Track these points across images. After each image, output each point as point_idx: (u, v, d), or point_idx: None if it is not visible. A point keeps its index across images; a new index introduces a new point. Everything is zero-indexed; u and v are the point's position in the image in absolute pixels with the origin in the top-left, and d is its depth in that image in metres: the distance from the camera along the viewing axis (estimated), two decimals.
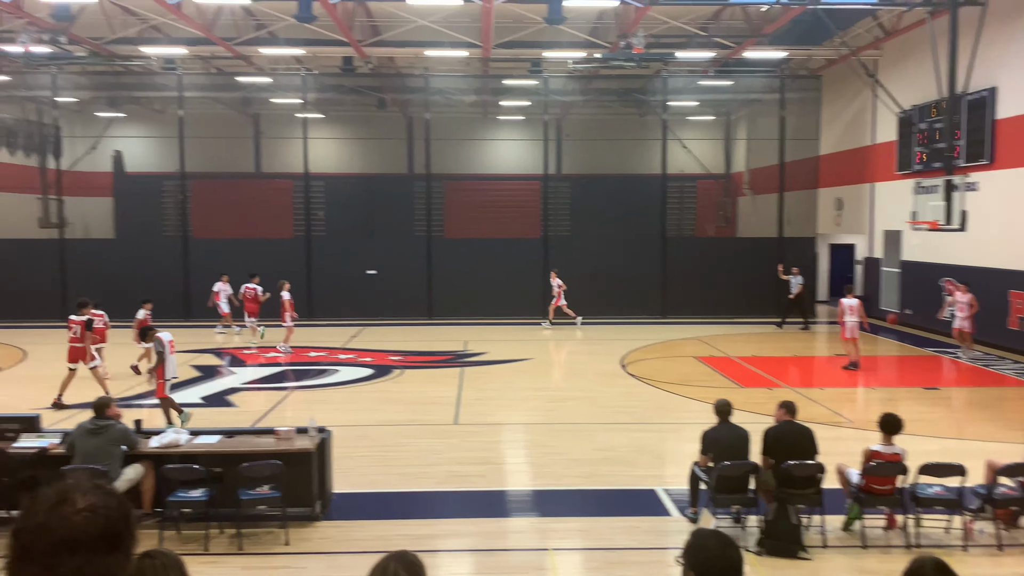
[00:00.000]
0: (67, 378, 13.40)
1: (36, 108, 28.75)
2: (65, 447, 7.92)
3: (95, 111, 31.75)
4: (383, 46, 23.51)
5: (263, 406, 13.20)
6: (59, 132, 25.65)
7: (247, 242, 24.68)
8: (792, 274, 21.97)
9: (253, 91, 27.99)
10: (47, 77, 24.17)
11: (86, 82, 26.24)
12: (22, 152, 30.80)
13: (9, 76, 24.85)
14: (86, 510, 1.75)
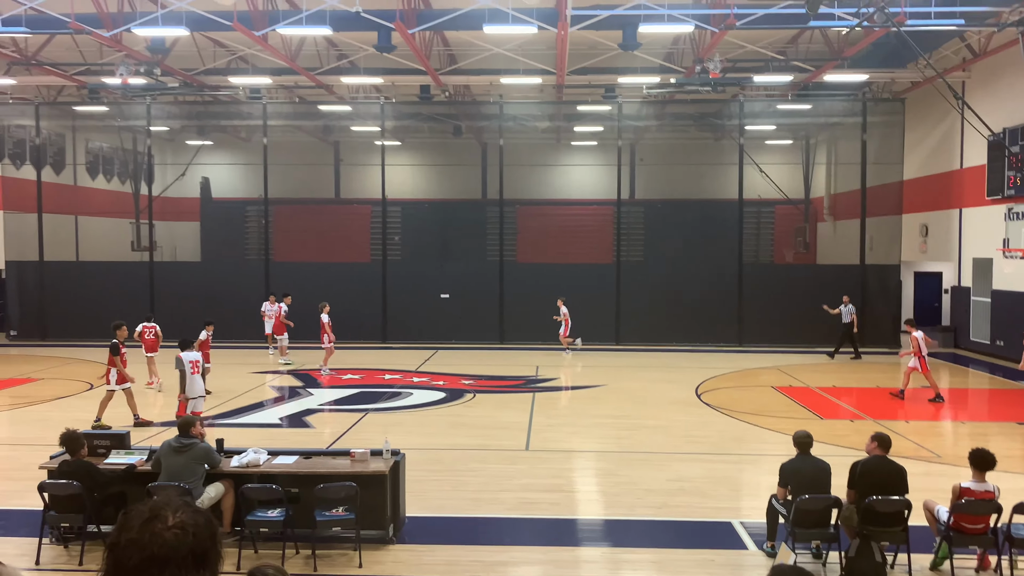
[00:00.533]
0: (128, 398, 13.81)
1: (131, 137, 30.29)
2: (151, 464, 8.20)
3: (185, 139, 33.23)
4: (459, 74, 23.93)
5: (339, 427, 13.43)
6: (151, 160, 26.87)
7: (325, 266, 25.31)
8: (843, 303, 21.39)
9: (334, 119, 28.82)
10: (142, 107, 25.41)
11: (177, 112, 27.50)
12: (118, 179, 32.52)
13: (108, 107, 26.24)
14: (176, 527, 1.81)
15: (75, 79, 24.07)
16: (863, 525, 7.37)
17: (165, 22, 17.84)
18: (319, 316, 19.08)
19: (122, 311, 22.09)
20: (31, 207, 25.29)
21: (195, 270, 27.18)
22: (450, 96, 26.65)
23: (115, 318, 20.91)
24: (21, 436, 12.99)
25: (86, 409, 15.06)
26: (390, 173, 25.73)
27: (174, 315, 21.73)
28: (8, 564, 1.71)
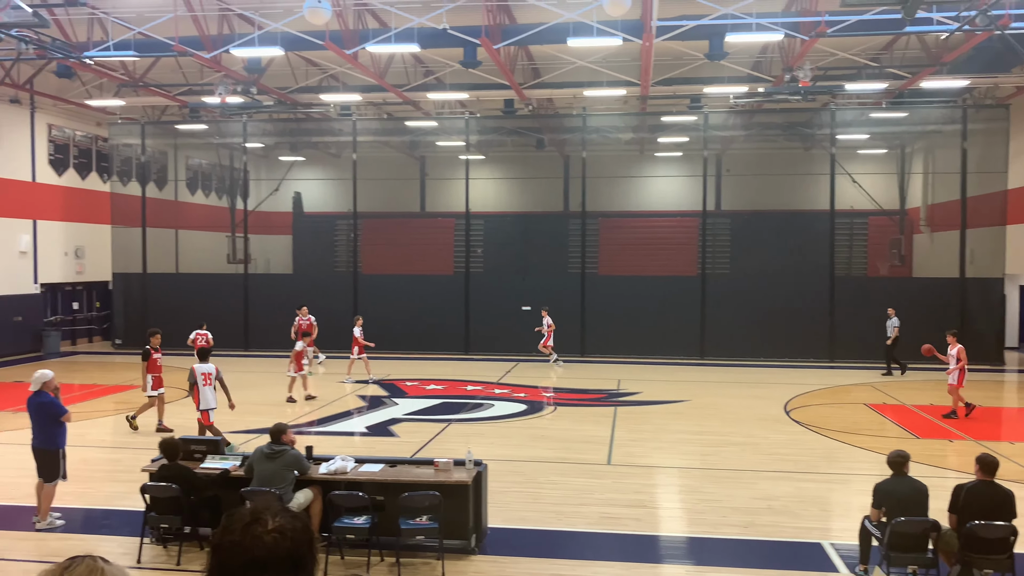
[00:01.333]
0: (158, 404, 14.37)
1: (228, 154, 31.61)
2: (244, 470, 8.50)
3: (278, 156, 34.45)
4: (543, 88, 24.07)
5: (422, 437, 13.62)
6: (247, 175, 27.98)
7: (410, 278, 25.79)
8: (888, 316, 20.52)
9: (420, 134, 29.39)
10: (239, 125, 26.53)
11: (272, 129, 28.54)
12: (215, 194, 33.97)
13: (207, 125, 27.49)
14: (275, 531, 1.86)
15: (178, 99, 25.30)
16: (964, 551, 7.03)
17: (261, 42, 18.58)
18: (353, 328, 19.59)
19: (218, 321, 23.07)
20: (136, 221, 26.68)
21: (287, 282, 28.10)
22: (533, 109, 26.81)
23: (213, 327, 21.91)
24: (125, 440, 13.65)
25: (184, 416, 15.72)
26: (473, 186, 26.03)
27: (267, 325, 22.49)
28: (113, 563, 1.78)
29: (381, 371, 21.16)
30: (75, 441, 12.82)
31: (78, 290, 27.84)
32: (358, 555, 8.11)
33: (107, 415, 16.01)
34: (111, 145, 28.01)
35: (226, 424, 14.42)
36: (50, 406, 9.35)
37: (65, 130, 27.04)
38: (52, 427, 9.32)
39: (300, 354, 17.16)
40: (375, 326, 24.60)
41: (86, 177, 28.02)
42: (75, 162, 27.53)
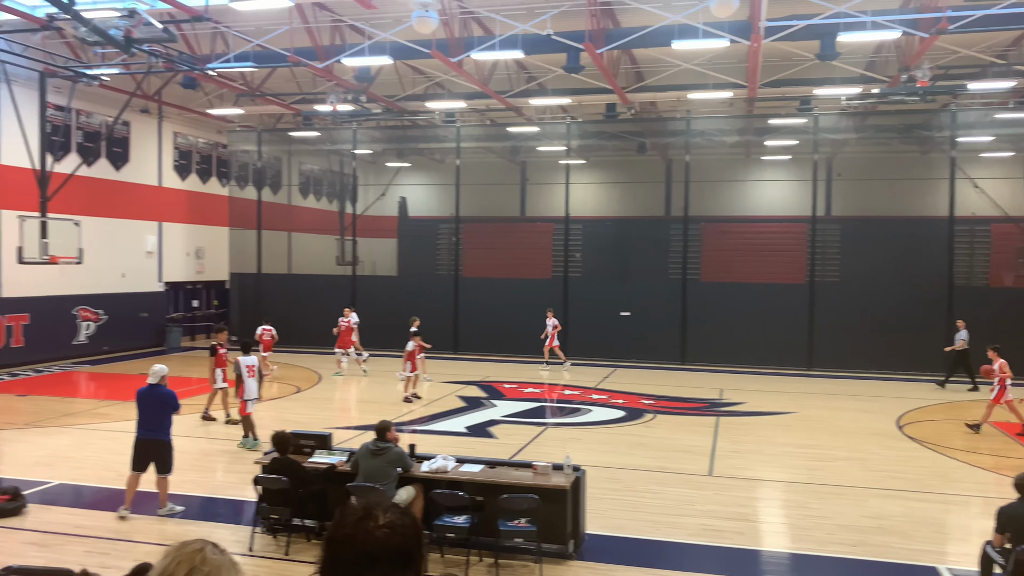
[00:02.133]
0: (222, 396, 14.98)
1: (338, 160, 32.68)
2: (350, 465, 8.75)
3: (385, 162, 35.43)
4: (646, 91, 23.82)
5: (520, 440, 13.68)
6: (356, 181, 28.86)
7: (509, 282, 25.97)
8: (956, 328, 19.34)
9: (521, 140, 29.62)
10: (348, 132, 27.40)
11: (379, 136, 29.34)
12: (326, 198, 35.20)
13: (319, 132, 28.50)
14: (386, 526, 1.91)
15: (291, 107, 26.35)
16: None
17: (371, 52, 19.14)
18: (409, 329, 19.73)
19: (327, 321, 23.85)
20: (252, 224, 27.98)
21: (392, 284, 28.82)
22: (636, 113, 26.57)
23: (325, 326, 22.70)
24: (240, 433, 14.27)
25: (295, 410, 16.35)
26: (574, 191, 26.00)
27: (374, 325, 23.11)
28: (225, 551, 1.85)
29: (480, 373, 21.39)
30: (195, 433, 13.54)
31: (198, 289, 29.37)
32: (457, 554, 8.22)
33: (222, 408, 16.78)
34: (230, 151, 29.48)
35: (333, 421, 14.91)
36: (170, 398, 9.80)
37: (188, 137, 28.60)
38: (167, 419, 9.75)
39: (412, 354, 17.52)
40: (474, 329, 24.97)
41: (207, 182, 29.55)
42: (197, 167, 29.07)
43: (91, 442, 13.35)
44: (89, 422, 14.72)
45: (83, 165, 22.59)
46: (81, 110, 23.54)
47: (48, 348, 22.21)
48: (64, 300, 22.86)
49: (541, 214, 32.64)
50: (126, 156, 25.60)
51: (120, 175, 25.32)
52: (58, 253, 19.97)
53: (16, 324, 21.30)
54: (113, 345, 23.99)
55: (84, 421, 14.77)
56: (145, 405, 9.67)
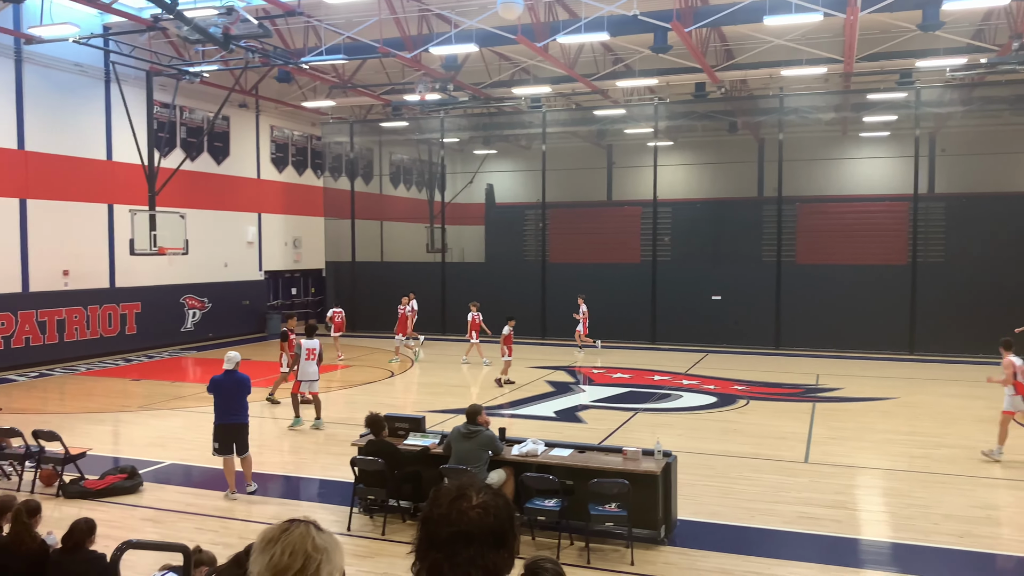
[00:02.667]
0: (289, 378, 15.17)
1: (427, 149, 33.15)
2: (443, 448, 8.92)
3: (473, 149, 35.73)
4: (736, 69, 23.21)
5: (610, 425, 13.65)
6: (444, 169, 29.21)
7: (597, 266, 25.83)
8: None
9: (608, 123, 29.31)
10: (436, 121, 27.76)
11: (466, 124, 29.60)
12: (415, 187, 35.79)
13: (408, 122, 28.97)
14: (479, 507, 1.95)
15: (381, 98, 26.85)
16: None
17: (458, 40, 19.29)
18: (471, 314, 20.55)
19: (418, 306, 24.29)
20: (346, 214, 28.76)
21: (480, 270, 29.09)
22: (726, 92, 25.93)
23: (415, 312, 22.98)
24: (336, 416, 14.74)
25: (389, 395, 16.77)
26: (662, 173, 25.60)
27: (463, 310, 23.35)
28: (326, 529, 1.88)
29: (567, 358, 21.40)
30: (292, 415, 14.04)
31: (295, 277, 30.39)
32: (549, 537, 8.28)
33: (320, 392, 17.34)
34: (323, 143, 30.31)
35: (425, 404, 15.21)
36: (247, 382, 10.21)
37: (284, 130, 29.53)
38: (245, 402, 10.14)
39: (508, 338, 17.66)
40: (561, 314, 24.93)
41: (302, 173, 30.47)
42: (293, 160, 30.01)
43: (199, 424, 14.03)
44: (197, 405, 15.47)
45: (187, 160, 23.63)
46: (184, 106, 24.63)
47: (158, 335, 23.43)
48: (172, 289, 24.06)
49: (628, 198, 32.28)
50: (226, 150, 26.65)
51: (221, 169, 26.39)
52: (166, 245, 20.98)
53: (129, 312, 22.56)
54: (217, 332, 25.11)
55: (192, 404, 15.54)
56: (224, 391, 10.00)
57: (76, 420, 13.97)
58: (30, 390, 17.19)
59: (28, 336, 19.79)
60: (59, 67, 20.52)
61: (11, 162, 19.49)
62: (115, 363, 20.90)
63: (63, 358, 20.46)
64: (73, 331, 20.89)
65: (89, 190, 21.52)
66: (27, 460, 10.30)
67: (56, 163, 20.59)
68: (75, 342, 20.88)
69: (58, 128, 20.65)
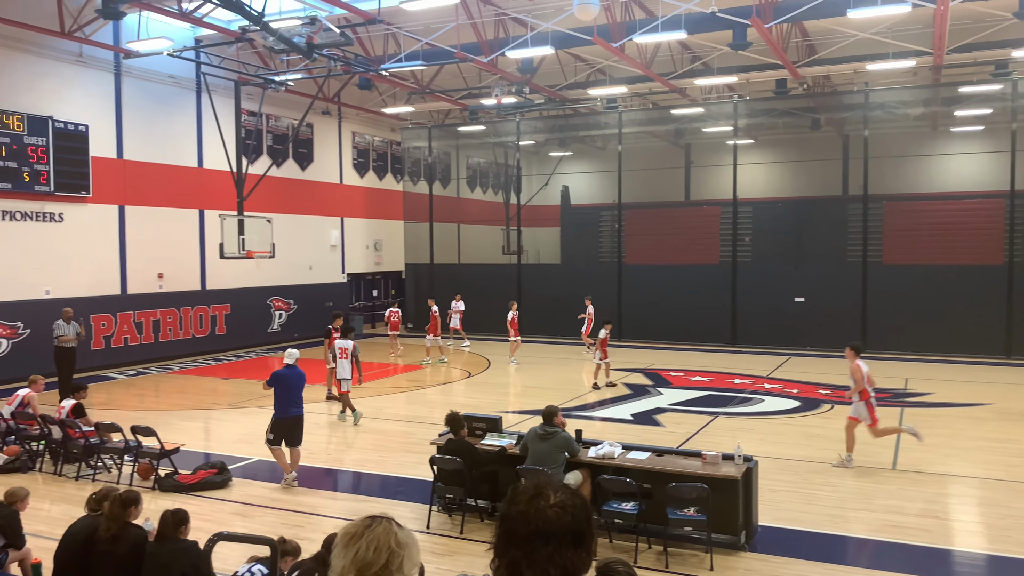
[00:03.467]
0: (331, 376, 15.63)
1: (503, 151, 33.36)
2: (519, 448, 8.95)
3: (548, 151, 35.77)
4: (819, 64, 22.56)
5: (688, 428, 13.45)
6: (519, 171, 29.31)
7: (674, 268, 25.49)
8: None
9: (685, 122, 28.91)
10: (512, 124, 27.89)
11: (542, 126, 29.66)
12: (491, 190, 36.07)
13: (484, 125, 29.21)
14: (557, 506, 1.96)
15: (459, 103, 27.17)
16: None
17: (534, 43, 19.34)
18: (510, 313, 21.21)
19: (495, 308, 24.47)
20: (424, 217, 29.20)
21: (555, 272, 29.09)
22: (808, 88, 25.22)
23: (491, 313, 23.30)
24: (416, 414, 14.99)
25: (466, 394, 16.94)
26: (741, 172, 25.08)
27: (539, 312, 23.45)
28: (405, 526, 1.93)
29: (644, 360, 21.18)
30: (373, 414, 14.34)
31: (376, 279, 31.02)
32: (626, 540, 8.22)
33: (400, 391, 17.67)
34: (403, 148, 30.85)
35: (502, 405, 15.28)
36: (304, 377, 10.84)
37: (365, 136, 30.18)
38: (301, 396, 10.73)
39: (604, 342, 17.47)
40: (638, 316, 24.73)
41: (383, 178, 31.09)
42: (374, 165, 30.65)
43: None
44: None
45: (273, 166, 24.39)
46: (270, 114, 25.44)
47: (246, 335, 24.25)
48: (259, 291, 24.88)
49: (707, 197, 31.76)
50: (310, 156, 27.40)
51: (306, 174, 27.15)
52: (254, 248, 21.75)
53: (219, 314, 23.44)
54: (302, 332, 25.80)
55: None
56: (286, 384, 10.63)
57: (170, 416, 14.58)
58: (128, 387, 18.03)
59: (127, 336, 20.80)
60: (154, 79, 21.48)
61: (111, 170, 20.49)
62: (205, 362, 21.73)
63: (158, 357, 21.41)
64: (167, 331, 21.83)
65: (181, 196, 22.45)
66: (126, 454, 10.80)
67: (151, 171, 21.56)
68: (169, 342, 21.82)
69: (153, 137, 21.62)
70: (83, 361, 18.76)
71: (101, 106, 20.26)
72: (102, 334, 20.14)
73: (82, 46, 19.32)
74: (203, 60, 21.66)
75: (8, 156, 17.80)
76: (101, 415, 13.12)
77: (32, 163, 18.23)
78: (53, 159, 18.62)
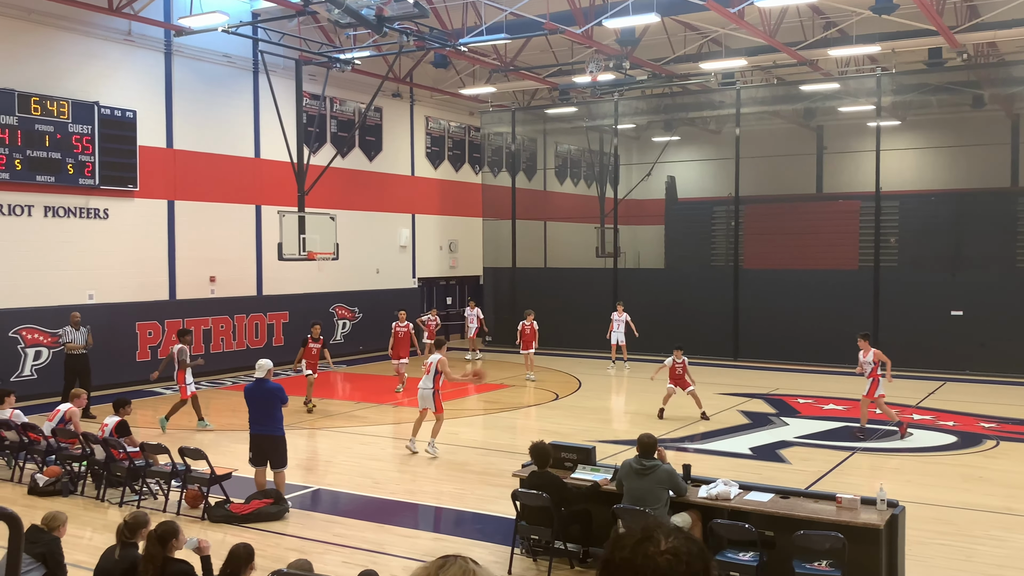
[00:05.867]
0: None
1: (598, 137, 33.29)
2: (615, 484, 8.90)
3: (651, 136, 35.52)
4: (982, 29, 21.70)
5: (819, 466, 13.12)
6: (617, 160, 29.20)
7: (802, 273, 24.87)
8: None
9: (817, 100, 28.19)
10: (609, 105, 27.84)
11: (644, 107, 29.48)
12: (584, 182, 36.05)
13: (576, 107, 29.23)
14: (669, 552, 1.94)
15: (547, 81, 27.28)
16: None
17: (636, 11, 19.22)
18: (525, 322, 22.19)
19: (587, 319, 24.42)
20: (506, 214, 29.40)
21: (658, 277, 28.81)
22: (968, 59, 24.27)
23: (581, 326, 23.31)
24: (495, 441, 15.09)
25: (553, 419, 16.95)
26: (886, 159, 24.32)
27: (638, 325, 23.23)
28: (484, 567, 1.95)
29: (766, 384, 20.76)
30: (448, 440, 14.50)
31: (451, 285, 31.41)
32: None
33: (477, 414, 17.83)
34: (482, 134, 31.19)
35: (595, 432, 15.21)
36: (278, 391, 11.11)
37: (440, 121, 30.66)
38: (278, 413, 11.02)
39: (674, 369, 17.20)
40: (758, 331, 24.22)
41: (459, 169, 31.51)
42: (449, 154, 31.10)
43: (348, 446, 14.78)
44: (345, 424, 16.30)
45: (337, 156, 25.00)
46: (335, 98, 26.12)
47: None
48: (321, 298, 25.51)
49: (843, 190, 30.92)
50: (379, 145, 28.00)
51: (373, 166, 27.75)
52: (315, 249, 22.26)
53: (277, 322, 24.15)
54: (368, 345, 26.29)
55: (341, 424, 16.39)
56: (253, 401, 11.02)
57: (221, 437, 15.11)
58: None
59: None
60: (208, 59, 22.35)
61: (160, 161, 21.40)
62: None
63: (208, 370, 22.11)
64: (219, 342, 22.63)
65: (237, 190, 23.27)
66: (173, 479, 11.24)
67: (203, 162, 22.42)
68: (221, 353, 22.58)
69: (206, 124, 22.48)
70: (126, 374, 19.62)
71: (150, 90, 21.20)
72: (148, 344, 21.02)
73: (131, 23, 20.28)
74: (261, 37, 22.39)
75: (52, 146, 18.81)
76: (147, 435, 13.70)
77: (76, 153, 19.21)
78: (99, 149, 19.58)
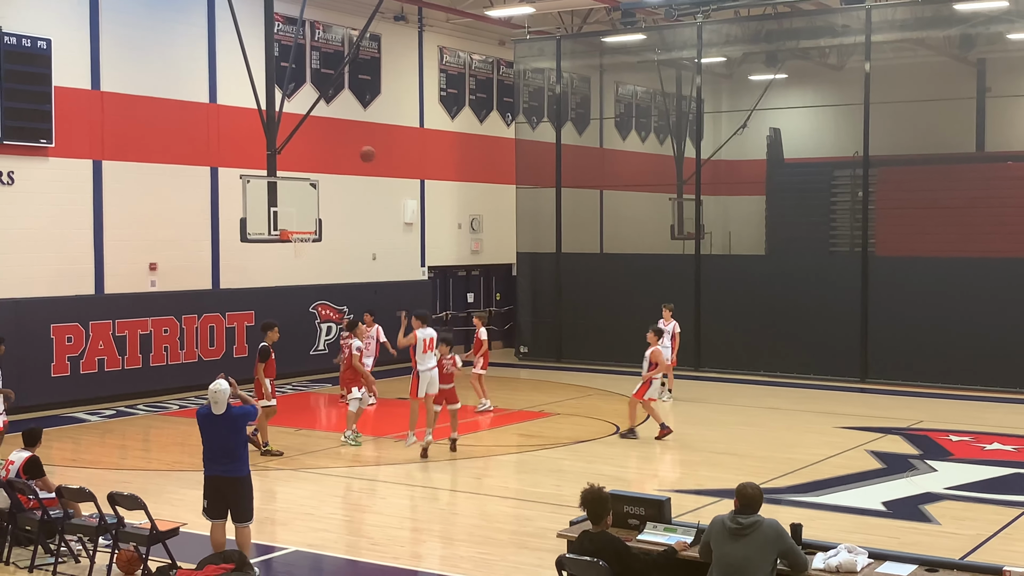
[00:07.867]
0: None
1: (674, 75, 33.06)
2: (699, 550, 8.82)
3: (747, 75, 35.15)
4: None
5: (980, 528, 12.97)
6: (700, 107, 28.91)
7: (955, 261, 24.56)
8: None
9: (978, 23, 27.77)
10: (690, 30, 27.44)
11: (738, 34, 29.10)
12: (655, 136, 35.74)
13: (644, 34, 28.81)
14: None
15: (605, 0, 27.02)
16: None
17: None
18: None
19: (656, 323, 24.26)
20: (548, 180, 29.11)
21: (757, 267, 28.45)
22: None
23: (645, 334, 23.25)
24: (533, 489, 15.02)
25: (610, 460, 16.90)
26: None
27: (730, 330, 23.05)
28: None
29: (905, 415, 20.56)
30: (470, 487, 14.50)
31: (473, 275, 31.33)
32: None
33: (510, 451, 17.79)
34: (516, 72, 30.99)
35: (669, 479, 15.13)
36: (249, 415, 10.99)
37: (459, 54, 30.54)
38: (244, 448, 10.78)
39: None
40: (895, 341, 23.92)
41: (484, 119, 31.35)
42: (471, 99, 30.95)
43: (334, 492, 14.81)
44: (330, 465, 16.32)
45: (321, 101, 24.88)
46: (317, 22, 26.13)
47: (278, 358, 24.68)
48: (298, 292, 25.53)
49: (1016, 148, 30.58)
50: (376, 86, 27.98)
51: (368, 114, 27.71)
52: (290, 227, 22.11)
53: (239, 325, 24.15)
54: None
55: (325, 464, 16.41)
56: (210, 430, 10.65)
57: (166, 480, 15.17)
58: (104, 435, 18.90)
59: (102, 357, 21.71)
60: None
61: (83, 108, 21.46)
62: None
63: (148, 389, 22.23)
64: (162, 351, 22.73)
65: (185, 148, 23.30)
66: (101, 535, 11.26)
67: (140, 108, 22.44)
68: (164, 367, 22.67)
69: (145, 58, 22.47)
70: (37, 394, 19.54)
71: (71, 11, 21.28)
72: (67, 353, 21.10)
73: None
74: None
75: None
76: (65, 476, 13.78)
77: None
78: (2, 91, 19.75)
